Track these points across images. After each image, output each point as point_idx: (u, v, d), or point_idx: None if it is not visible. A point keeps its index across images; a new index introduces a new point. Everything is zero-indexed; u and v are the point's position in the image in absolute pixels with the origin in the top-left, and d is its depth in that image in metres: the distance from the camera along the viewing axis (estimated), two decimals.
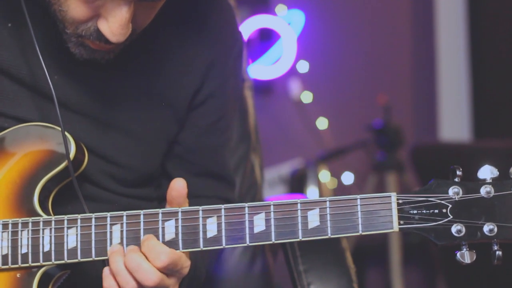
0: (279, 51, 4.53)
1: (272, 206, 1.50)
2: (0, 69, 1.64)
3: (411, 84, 4.82)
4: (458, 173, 1.47)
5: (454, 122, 4.70)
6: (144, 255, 1.48)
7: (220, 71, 1.76)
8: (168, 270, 1.49)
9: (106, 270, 1.51)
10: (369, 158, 4.48)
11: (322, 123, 4.61)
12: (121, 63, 1.65)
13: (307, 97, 4.61)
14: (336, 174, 4.50)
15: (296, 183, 4.30)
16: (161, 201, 1.79)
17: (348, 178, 4.55)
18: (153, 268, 1.47)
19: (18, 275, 1.55)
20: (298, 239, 1.48)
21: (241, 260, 2.09)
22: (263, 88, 4.61)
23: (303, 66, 4.60)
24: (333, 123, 4.62)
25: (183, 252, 1.52)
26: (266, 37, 4.53)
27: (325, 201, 1.48)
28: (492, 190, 1.45)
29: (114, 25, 1.50)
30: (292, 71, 4.58)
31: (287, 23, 4.55)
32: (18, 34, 1.64)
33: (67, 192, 1.63)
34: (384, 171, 4.28)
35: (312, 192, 4.26)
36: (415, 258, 4.52)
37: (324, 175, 4.37)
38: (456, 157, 3.72)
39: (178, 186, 1.53)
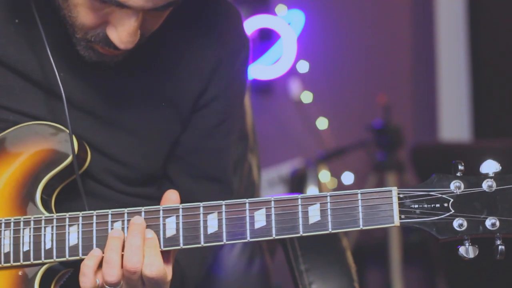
0: (279, 51, 4.53)
1: (272, 202, 1.50)
2: (7, 64, 1.64)
3: (411, 84, 4.82)
4: (460, 167, 1.46)
5: (454, 122, 4.70)
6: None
7: (225, 73, 1.75)
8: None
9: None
10: (369, 158, 4.47)
11: (322, 123, 4.61)
12: (128, 63, 1.65)
13: (307, 97, 4.60)
14: (336, 174, 4.49)
15: (296, 183, 4.30)
16: None
17: (348, 178, 4.55)
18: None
19: (20, 273, 1.55)
20: (299, 235, 1.47)
21: (239, 260, 2.08)
22: (263, 88, 4.60)
23: (303, 66, 4.60)
24: (333, 123, 4.62)
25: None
26: (266, 37, 4.53)
27: (326, 196, 1.47)
28: (494, 184, 1.43)
29: (123, 34, 1.51)
30: (292, 71, 4.58)
31: (287, 23, 4.55)
32: (26, 30, 1.64)
33: (70, 190, 1.63)
34: (384, 171, 4.27)
35: (312, 192, 4.26)
36: (415, 257, 4.51)
37: (324, 175, 4.37)
38: (456, 157, 3.69)
39: (171, 200, 1.55)
